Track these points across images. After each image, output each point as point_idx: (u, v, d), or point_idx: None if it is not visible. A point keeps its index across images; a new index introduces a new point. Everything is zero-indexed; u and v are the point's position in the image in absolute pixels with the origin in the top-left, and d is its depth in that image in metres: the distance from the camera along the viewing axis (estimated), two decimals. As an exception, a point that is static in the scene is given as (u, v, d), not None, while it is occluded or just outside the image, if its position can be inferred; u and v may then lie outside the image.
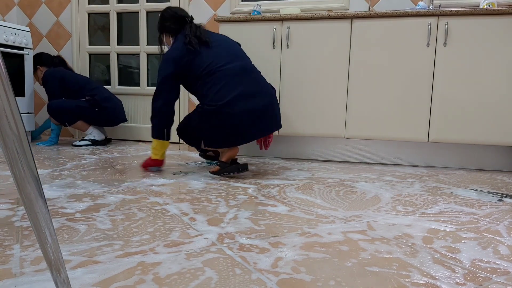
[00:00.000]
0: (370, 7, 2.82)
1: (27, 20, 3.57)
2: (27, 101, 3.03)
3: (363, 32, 2.30)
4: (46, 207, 0.53)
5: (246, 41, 2.48)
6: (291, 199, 1.44)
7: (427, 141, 2.28)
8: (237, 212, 1.25)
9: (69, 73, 3.01)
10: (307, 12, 2.87)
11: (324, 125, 2.41)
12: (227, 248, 0.93)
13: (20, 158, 0.50)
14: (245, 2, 3.08)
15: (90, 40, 3.49)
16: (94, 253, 0.88)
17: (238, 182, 1.74)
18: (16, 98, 0.80)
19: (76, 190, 1.50)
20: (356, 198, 1.49)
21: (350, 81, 2.35)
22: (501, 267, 0.85)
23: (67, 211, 1.21)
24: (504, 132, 2.18)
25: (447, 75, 2.22)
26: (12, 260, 0.83)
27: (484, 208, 1.38)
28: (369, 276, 0.80)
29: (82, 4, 3.44)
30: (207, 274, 0.79)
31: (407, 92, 2.28)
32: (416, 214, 1.28)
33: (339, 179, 1.86)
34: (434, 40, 2.21)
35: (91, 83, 3.01)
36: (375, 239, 1.02)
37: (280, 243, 0.97)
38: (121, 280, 0.75)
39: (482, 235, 1.07)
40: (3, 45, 2.79)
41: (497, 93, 2.17)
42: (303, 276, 0.79)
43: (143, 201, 1.36)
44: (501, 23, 2.13)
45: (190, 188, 1.58)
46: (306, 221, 1.17)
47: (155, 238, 0.99)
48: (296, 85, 2.43)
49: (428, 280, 0.78)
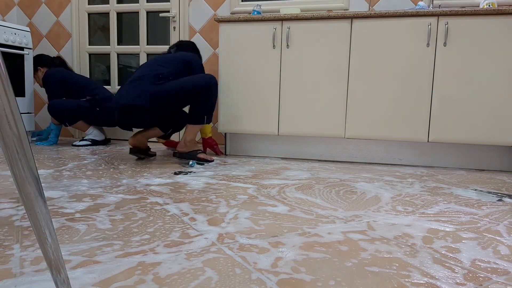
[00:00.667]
0: (370, 7, 2.82)
1: (27, 20, 3.57)
2: (27, 101, 3.03)
3: (363, 32, 2.30)
4: (46, 207, 0.53)
5: (246, 41, 2.49)
6: (291, 199, 1.44)
7: (427, 141, 2.28)
8: (237, 212, 1.25)
9: (70, 73, 3.01)
10: (307, 12, 2.87)
11: (324, 125, 2.41)
12: (227, 248, 0.93)
13: (20, 158, 0.50)
14: (245, 2, 3.08)
15: (90, 40, 3.49)
16: (94, 253, 0.88)
17: (238, 182, 1.74)
18: (16, 98, 0.80)
19: (76, 190, 1.50)
20: (356, 198, 1.49)
21: (350, 81, 2.35)
22: (501, 267, 0.85)
23: (67, 211, 1.21)
24: (504, 132, 2.18)
25: (447, 75, 2.22)
26: (12, 260, 0.83)
27: (484, 208, 1.38)
28: (369, 276, 0.80)
29: (82, 4, 3.44)
30: (207, 274, 0.79)
31: (407, 92, 2.28)
32: (416, 214, 1.28)
33: (339, 179, 1.86)
34: (434, 40, 2.21)
35: (92, 83, 3.01)
36: (375, 239, 1.02)
37: (280, 243, 0.97)
38: (121, 280, 0.75)
39: (482, 235, 1.07)
40: (3, 45, 2.79)
41: (497, 93, 2.17)
42: (303, 276, 0.79)
43: (143, 201, 1.36)
44: (501, 23, 2.13)
45: (190, 188, 1.58)
46: (306, 221, 1.17)
47: (155, 238, 0.99)
48: (296, 85, 2.43)
49: (428, 280, 0.78)
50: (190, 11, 3.19)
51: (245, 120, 2.53)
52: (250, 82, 2.50)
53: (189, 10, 3.19)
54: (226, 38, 2.52)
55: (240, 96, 2.53)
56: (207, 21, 3.16)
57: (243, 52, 2.50)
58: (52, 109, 2.84)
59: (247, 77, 2.51)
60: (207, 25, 3.16)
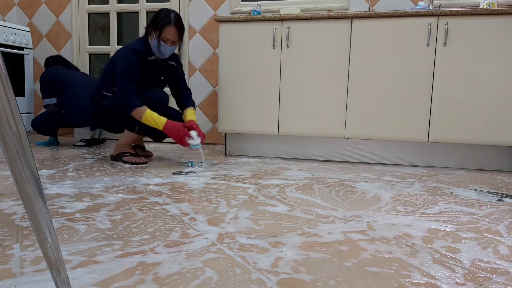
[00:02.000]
0: (370, 7, 2.82)
1: (27, 20, 3.57)
2: (27, 101, 3.03)
3: (363, 32, 2.30)
4: (46, 207, 0.53)
5: (246, 41, 2.49)
6: (291, 199, 1.44)
7: (427, 141, 2.28)
8: (237, 212, 1.25)
9: (60, 71, 2.83)
10: (307, 12, 2.87)
11: (324, 125, 2.41)
12: (227, 248, 0.93)
13: (20, 158, 0.50)
14: (245, 2, 3.08)
15: (90, 40, 3.49)
16: (94, 253, 0.88)
17: (238, 182, 1.74)
18: (16, 98, 0.80)
19: (75, 190, 1.50)
20: (356, 198, 1.49)
21: (350, 81, 2.35)
22: (501, 267, 0.85)
23: (67, 211, 1.21)
24: (504, 132, 2.18)
25: (447, 75, 2.22)
26: (12, 260, 0.83)
27: (484, 208, 1.38)
28: (369, 276, 0.80)
29: (82, 4, 3.44)
30: (207, 274, 0.79)
31: (407, 92, 2.28)
32: (416, 214, 1.28)
33: (339, 179, 1.86)
34: (434, 40, 2.21)
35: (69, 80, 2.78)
36: (375, 239, 1.02)
37: (280, 243, 0.97)
38: (121, 280, 0.75)
39: (482, 235, 1.07)
40: (3, 45, 2.79)
41: (497, 93, 2.17)
42: (303, 276, 0.79)
43: (143, 201, 1.36)
44: (501, 23, 2.13)
45: (189, 188, 1.58)
46: (306, 221, 1.17)
47: (155, 238, 0.99)
48: (296, 85, 2.43)
49: (428, 280, 0.78)
50: (190, 11, 3.19)
51: (245, 120, 2.53)
52: (250, 82, 2.50)
53: (189, 10, 3.19)
54: (226, 38, 2.52)
55: (240, 96, 2.53)
56: (207, 21, 3.16)
57: (243, 52, 2.50)
58: (35, 128, 2.79)
59: (247, 77, 2.51)
60: (207, 25, 3.16)
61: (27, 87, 3.01)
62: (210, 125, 3.26)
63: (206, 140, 2.53)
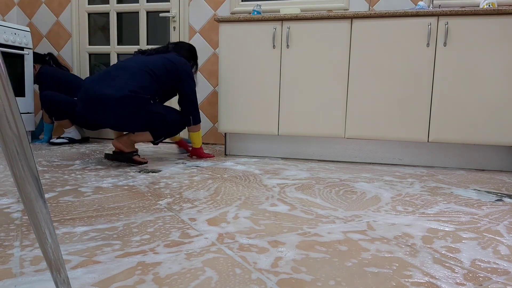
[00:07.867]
0: (370, 7, 2.82)
1: (27, 20, 3.57)
2: (27, 101, 3.03)
3: (363, 32, 2.30)
4: (46, 207, 0.53)
5: (246, 41, 2.49)
6: (291, 199, 1.44)
7: (427, 141, 2.28)
8: (237, 211, 1.25)
9: (63, 72, 3.03)
10: (307, 12, 2.87)
11: (324, 125, 2.41)
12: (227, 248, 0.93)
13: (20, 158, 0.50)
14: (245, 2, 3.08)
15: (90, 40, 3.49)
16: (94, 253, 0.88)
17: (238, 182, 1.74)
18: (16, 98, 0.80)
19: (75, 189, 1.50)
20: (356, 198, 1.49)
21: (350, 81, 2.35)
22: (501, 267, 0.85)
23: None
24: (504, 132, 2.18)
25: (447, 75, 2.22)
26: (12, 260, 0.83)
27: (484, 208, 1.38)
28: (369, 276, 0.80)
29: (82, 4, 3.44)
30: (207, 274, 0.79)
31: (407, 92, 2.28)
32: (416, 214, 1.28)
33: (339, 179, 1.86)
34: (434, 40, 2.21)
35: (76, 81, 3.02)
36: (375, 239, 1.02)
37: (280, 243, 0.97)
38: (121, 280, 0.75)
39: (482, 235, 1.07)
40: (3, 45, 2.79)
41: (497, 93, 2.17)
42: (303, 276, 0.79)
43: (143, 201, 1.36)
44: (501, 23, 2.13)
45: (189, 188, 1.58)
46: (306, 221, 1.17)
47: (155, 238, 0.99)
48: (296, 85, 2.43)
49: (428, 280, 0.78)
50: (190, 11, 3.19)
51: (245, 120, 2.53)
52: (250, 82, 2.50)
53: (189, 10, 3.19)
54: (226, 38, 2.52)
55: (240, 96, 2.53)
56: (207, 21, 3.16)
57: (243, 52, 2.50)
58: (45, 99, 2.79)
59: (247, 77, 2.51)
60: (207, 25, 3.16)
61: (27, 87, 3.01)
62: (210, 125, 3.26)
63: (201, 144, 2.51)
